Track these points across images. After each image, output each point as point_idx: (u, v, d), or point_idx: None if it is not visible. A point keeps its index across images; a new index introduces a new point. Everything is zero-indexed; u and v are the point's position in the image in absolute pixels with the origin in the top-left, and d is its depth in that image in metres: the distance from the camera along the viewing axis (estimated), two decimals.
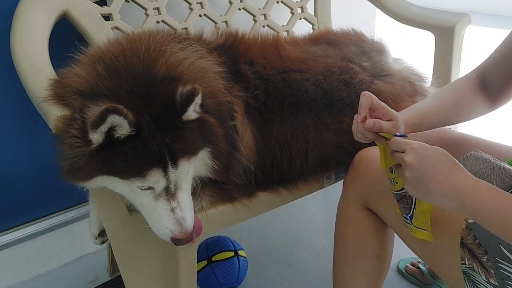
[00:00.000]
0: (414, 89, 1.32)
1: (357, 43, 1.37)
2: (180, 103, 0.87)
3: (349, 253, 1.11)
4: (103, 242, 1.17)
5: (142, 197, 0.90)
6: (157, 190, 0.89)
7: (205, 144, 0.95)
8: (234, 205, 1.10)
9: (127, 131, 0.82)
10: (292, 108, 1.16)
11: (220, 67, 1.08)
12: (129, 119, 0.80)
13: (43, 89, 0.96)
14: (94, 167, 0.85)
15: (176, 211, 0.90)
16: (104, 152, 0.84)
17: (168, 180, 0.88)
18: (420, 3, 1.74)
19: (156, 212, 0.90)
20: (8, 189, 1.49)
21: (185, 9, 1.50)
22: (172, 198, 0.90)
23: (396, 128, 0.94)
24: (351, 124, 1.07)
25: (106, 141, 0.83)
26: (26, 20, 1.11)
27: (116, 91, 0.87)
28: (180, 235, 0.90)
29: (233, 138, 1.04)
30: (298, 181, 1.20)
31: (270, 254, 1.71)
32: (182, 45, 1.03)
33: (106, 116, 0.79)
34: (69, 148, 0.85)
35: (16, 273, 1.55)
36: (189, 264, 1.12)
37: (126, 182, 0.88)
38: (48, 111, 0.91)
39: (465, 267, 0.86)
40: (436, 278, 1.49)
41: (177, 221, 0.89)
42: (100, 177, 0.88)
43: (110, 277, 1.57)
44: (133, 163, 0.84)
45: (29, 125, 1.47)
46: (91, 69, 0.93)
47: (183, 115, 0.88)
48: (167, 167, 0.87)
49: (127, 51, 0.95)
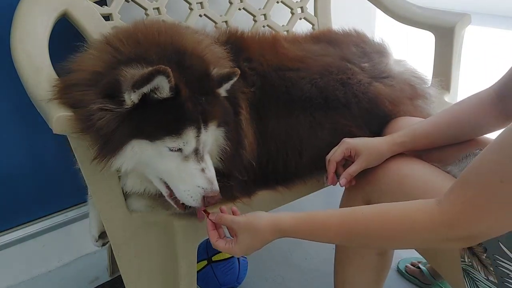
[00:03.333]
0: (415, 92, 1.31)
1: (358, 44, 1.37)
2: (218, 77, 0.93)
3: (351, 251, 1.11)
4: (103, 244, 1.17)
5: (169, 160, 0.91)
6: (186, 151, 0.90)
7: (223, 123, 0.98)
8: (235, 204, 1.11)
9: (166, 94, 0.85)
10: (287, 106, 1.16)
11: (228, 59, 1.09)
12: (172, 83, 0.83)
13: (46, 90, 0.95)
14: (126, 129, 0.86)
15: (206, 171, 0.92)
16: (137, 112, 0.85)
17: (198, 142, 0.91)
18: (420, 3, 1.74)
19: (186, 172, 0.91)
20: (8, 189, 1.49)
21: (185, 9, 1.50)
22: (201, 159, 0.92)
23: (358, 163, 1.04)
24: (346, 124, 1.08)
25: (140, 102, 0.84)
26: (26, 20, 1.11)
27: (146, 56, 0.89)
28: (212, 192, 0.91)
29: (239, 134, 1.05)
30: (295, 179, 1.20)
31: (270, 254, 1.71)
32: (192, 30, 1.08)
33: (154, 76, 0.81)
34: (98, 117, 0.84)
35: (16, 273, 1.55)
36: (189, 264, 1.12)
37: (156, 144, 0.88)
38: (49, 111, 0.91)
39: (464, 265, 0.86)
40: (436, 278, 1.49)
41: (208, 180, 0.92)
42: (130, 145, 0.88)
43: (110, 277, 1.57)
44: (169, 121, 0.87)
45: (29, 125, 1.47)
46: (104, 46, 0.94)
47: (218, 89, 0.94)
48: (199, 127, 0.90)
49: (139, 29, 0.97)
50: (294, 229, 0.88)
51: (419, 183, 0.96)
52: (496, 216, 0.70)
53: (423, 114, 1.28)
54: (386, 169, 1.03)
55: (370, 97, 1.21)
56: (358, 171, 1.04)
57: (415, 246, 0.94)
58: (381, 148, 1.05)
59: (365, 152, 1.04)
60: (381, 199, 1.03)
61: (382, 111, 1.22)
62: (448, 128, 1.05)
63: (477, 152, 0.98)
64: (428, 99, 1.34)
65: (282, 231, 0.89)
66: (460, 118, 1.04)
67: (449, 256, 0.89)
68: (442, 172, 0.98)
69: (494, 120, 1.01)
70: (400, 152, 1.06)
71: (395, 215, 0.80)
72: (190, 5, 1.50)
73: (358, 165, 1.04)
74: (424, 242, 0.83)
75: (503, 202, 0.68)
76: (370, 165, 1.04)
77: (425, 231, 0.77)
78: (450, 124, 1.05)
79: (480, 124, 1.03)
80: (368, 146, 1.05)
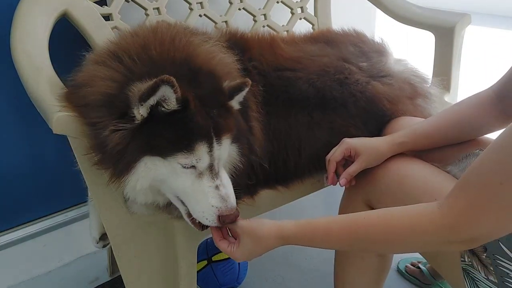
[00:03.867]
0: (415, 91, 1.30)
1: (356, 43, 1.36)
2: (230, 89, 0.91)
3: (351, 252, 1.11)
4: (104, 245, 1.16)
5: (184, 178, 0.88)
6: (200, 168, 0.88)
7: (236, 139, 0.96)
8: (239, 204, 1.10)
9: (173, 106, 0.83)
10: (286, 105, 1.16)
11: (237, 64, 1.08)
12: (178, 93, 0.81)
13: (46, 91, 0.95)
14: (137, 145, 0.84)
15: (220, 188, 0.89)
16: (147, 127, 0.84)
17: (212, 157, 0.88)
18: (420, 3, 1.74)
19: (200, 190, 0.89)
20: (8, 189, 1.49)
21: (185, 9, 1.50)
22: (216, 176, 0.89)
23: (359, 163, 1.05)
24: (343, 124, 1.07)
25: (149, 117, 0.83)
26: (26, 20, 1.11)
27: (157, 72, 0.86)
28: (227, 211, 0.88)
29: (250, 140, 1.04)
30: (294, 179, 1.20)
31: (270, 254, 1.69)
32: (201, 38, 1.05)
33: (159, 86, 0.79)
34: (111, 139, 0.84)
35: (16, 273, 1.55)
36: (189, 264, 1.12)
37: (168, 161, 0.86)
38: (49, 111, 0.91)
39: (464, 264, 0.86)
40: (436, 278, 1.49)
41: (222, 198, 0.89)
42: (143, 162, 0.86)
43: (110, 277, 1.57)
44: (179, 136, 0.85)
45: (29, 125, 1.47)
46: (116, 65, 0.91)
47: (230, 101, 0.92)
48: (212, 142, 0.87)
49: (151, 41, 0.95)
50: (297, 236, 0.89)
51: (419, 183, 0.96)
52: (496, 218, 0.69)
53: (423, 113, 1.27)
54: (386, 169, 1.03)
55: (367, 96, 1.21)
56: (358, 171, 1.04)
57: (417, 249, 0.94)
58: (381, 148, 1.05)
59: (365, 152, 1.04)
60: (381, 199, 1.03)
61: (380, 110, 1.21)
62: (448, 128, 1.05)
63: (477, 152, 0.98)
64: (429, 99, 1.33)
65: (285, 238, 0.90)
66: (460, 118, 1.04)
67: (449, 256, 0.89)
68: (442, 172, 0.98)
69: (494, 120, 1.01)
70: (400, 152, 1.06)
71: (397, 219, 0.80)
72: (190, 5, 1.50)
73: (358, 165, 1.04)
74: (426, 245, 0.82)
75: (504, 203, 0.68)
76: (370, 165, 1.04)
77: (426, 235, 0.76)
78: (450, 124, 1.05)
79: (480, 124, 1.03)
80: (368, 146, 1.05)
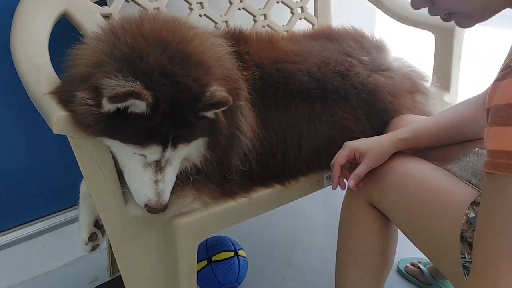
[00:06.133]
0: (415, 86, 1.30)
1: (357, 38, 1.36)
2: (206, 102, 0.89)
3: (352, 250, 1.11)
4: (93, 248, 1.09)
5: (133, 161, 0.93)
6: (148, 160, 0.92)
7: (206, 135, 0.98)
8: (236, 201, 1.10)
9: (142, 111, 0.85)
10: (285, 96, 1.15)
11: (230, 47, 1.08)
12: (149, 102, 0.82)
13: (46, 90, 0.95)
14: (101, 129, 0.87)
15: (159, 184, 0.94)
16: (112, 118, 0.85)
17: (162, 157, 0.92)
18: None
19: (140, 179, 0.94)
20: (8, 189, 1.49)
21: (185, 9, 1.50)
22: (160, 171, 0.94)
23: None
24: (343, 117, 1.06)
25: (116, 111, 0.85)
26: (26, 20, 1.11)
27: (143, 54, 0.87)
28: (155, 205, 0.94)
29: (239, 120, 1.04)
30: (293, 175, 1.19)
31: (270, 254, 1.71)
32: (196, 30, 1.04)
33: (127, 99, 0.81)
34: (79, 104, 0.86)
35: (16, 273, 1.55)
36: (189, 264, 1.12)
37: (124, 145, 0.91)
38: (49, 111, 0.91)
39: (464, 261, 0.86)
40: (437, 279, 1.49)
41: (157, 193, 0.94)
42: (105, 139, 0.92)
43: (110, 277, 1.57)
44: (137, 134, 0.88)
45: (29, 125, 1.47)
46: (105, 41, 0.93)
47: (202, 112, 0.91)
48: (167, 146, 0.91)
49: (145, 29, 0.94)
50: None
51: (420, 181, 0.97)
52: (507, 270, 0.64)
53: (422, 110, 1.28)
54: (387, 168, 1.04)
55: (369, 88, 1.21)
56: (366, 171, 1.04)
57: None
58: (384, 145, 1.05)
59: (370, 152, 1.04)
60: (383, 198, 1.03)
61: (382, 102, 1.21)
62: (449, 127, 1.05)
63: (477, 150, 0.98)
64: (427, 95, 1.33)
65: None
66: (461, 119, 1.05)
67: (449, 253, 0.89)
68: (443, 170, 0.99)
69: None
70: (402, 149, 1.06)
71: None
72: (190, 5, 1.50)
73: (365, 165, 1.04)
74: None
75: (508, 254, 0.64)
76: (377, 163, 1.04)
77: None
78: (451, 124, 1.05)
79: (481, 125, 1.03)
80: (371, 146, 1.05)
